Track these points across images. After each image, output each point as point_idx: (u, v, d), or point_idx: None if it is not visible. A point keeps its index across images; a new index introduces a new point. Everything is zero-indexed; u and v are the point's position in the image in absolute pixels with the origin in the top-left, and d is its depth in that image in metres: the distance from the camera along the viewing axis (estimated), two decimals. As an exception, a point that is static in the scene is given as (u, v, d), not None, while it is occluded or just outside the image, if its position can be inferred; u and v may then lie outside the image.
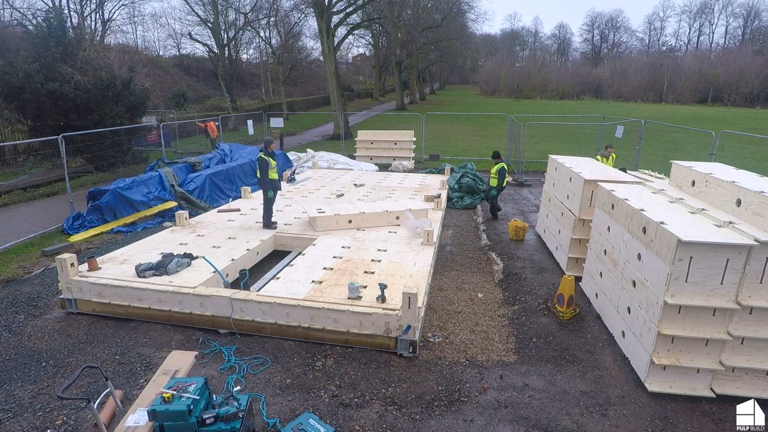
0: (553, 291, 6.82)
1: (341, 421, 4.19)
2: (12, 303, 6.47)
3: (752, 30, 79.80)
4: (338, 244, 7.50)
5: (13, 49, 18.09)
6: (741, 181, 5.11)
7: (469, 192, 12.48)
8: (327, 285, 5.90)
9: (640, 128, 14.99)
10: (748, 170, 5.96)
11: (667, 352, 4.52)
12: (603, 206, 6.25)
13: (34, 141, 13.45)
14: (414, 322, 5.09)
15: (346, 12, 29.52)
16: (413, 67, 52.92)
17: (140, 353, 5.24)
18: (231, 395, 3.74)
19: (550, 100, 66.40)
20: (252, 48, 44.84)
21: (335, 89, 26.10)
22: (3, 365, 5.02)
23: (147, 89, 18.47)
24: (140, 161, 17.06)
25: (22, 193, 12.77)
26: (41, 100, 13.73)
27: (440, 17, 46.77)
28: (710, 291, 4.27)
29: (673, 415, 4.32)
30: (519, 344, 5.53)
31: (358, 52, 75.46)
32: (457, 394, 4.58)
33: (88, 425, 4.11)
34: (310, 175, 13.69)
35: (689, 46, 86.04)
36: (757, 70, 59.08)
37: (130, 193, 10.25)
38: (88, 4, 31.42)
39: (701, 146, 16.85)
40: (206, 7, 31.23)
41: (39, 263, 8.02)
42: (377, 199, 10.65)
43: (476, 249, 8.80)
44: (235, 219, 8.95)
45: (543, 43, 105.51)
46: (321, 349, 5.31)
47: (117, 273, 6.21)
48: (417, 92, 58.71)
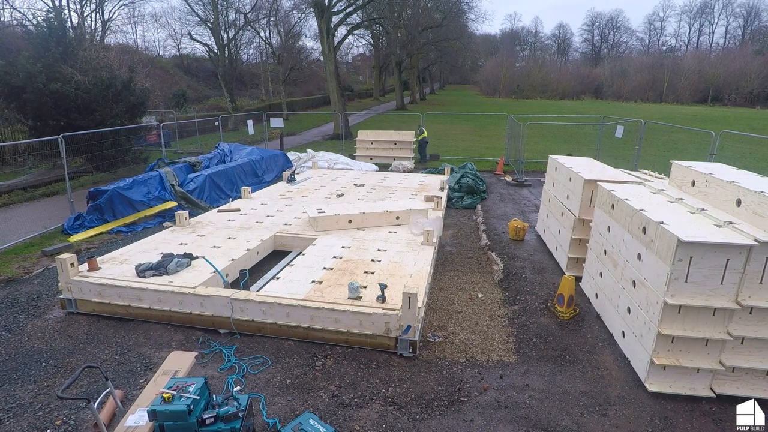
0: (553, 291, 6.82)
1: (341, 421, 4.19)
2: (12, 303, 6.47)
3: (752, 30, 79.85)
4: (338, 244, 7.50)
5: (13, 49, 18.10)
6: (741, 181, 5.11)
7: (469, 192, 12.49)
8: (327, 285, 5.91)
9: (640, 128, 15.00)
10: (748, 170, 5.96)
11: (667, 352, 4.52)
12: (603, 206, 6.25)
13: (35, 141, 13.46)
14: (414, 322, 5.09)
15: (346, 12, 29.54)
16: (413, 67, 52.93)
17: (140, 353, 5.25)
18: (231, 395, 3.74)
19: (550, 100, 66.41)
20: (252, 48, 44.88)
21: (335, 89, 26.11)
22: (3, 365, 5.02)
23: (147, 89, 18.48)
24: (140, 161, 17.06)
25: (22, 193, 12.76)
26: (43, 101, 13.73)
27: (440, 17, 46.80)
28: (710, 291, 4.27)
29: (673, 415, 4.32)
30: (519, 344, 5.53)
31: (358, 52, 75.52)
32: (457, 394, 4.58)
33: (88, 425, 4.11)
34: (310, 175, 13.69)
35: (689, 46, 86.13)
36: (757, 70, 59.09)
37: (130, 193, 10.25)
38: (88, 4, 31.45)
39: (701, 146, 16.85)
40: (206, 7, 31.24)
41: (39, 263, 8.02)
42: (377, 199, 10.65)
43: (476, 249, 8.81)
44: (235, 219, 8.96)
45: (543, 43, 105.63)
46: (321, 349, 5.31)
47: (117, 273, 6.21)
48: (417, 92, 58.70)
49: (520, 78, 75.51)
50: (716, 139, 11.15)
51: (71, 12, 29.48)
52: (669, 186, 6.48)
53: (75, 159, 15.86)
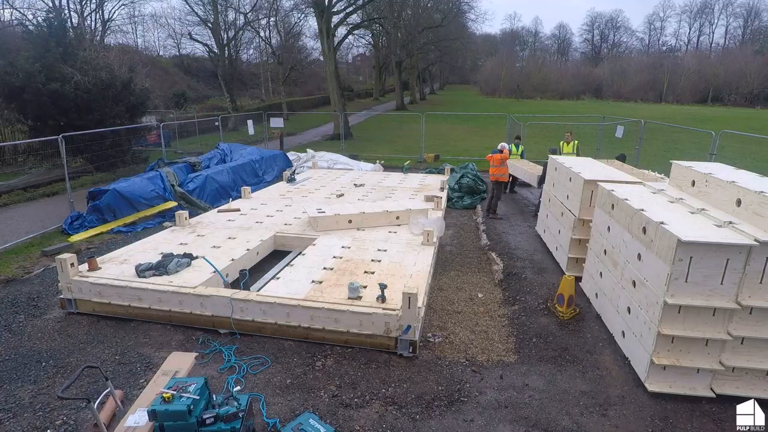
0: (553, 291, 6.82)
1: (341, 421, 4.19)
2: (12, 303, 6.47)
3: (752, 30, 79.79)
4: (338, 244, 7.50)
5: (13, 49, 18.08)
6: (741, 181, 5.11)
7: (469, 192, 12.49)
8: (327, 285, 5.90)
9: (640, 128, 15.01)
10: (748, 170, 5.96)
11: (667, 352, 4.52)
12: (603, 206, 6.24)
13: (34, 141, 13.47)
14: (414, 322, 5.09)
15: (346, 12, 29.54)
16: (413, 67, 52.90)
17: (140, 353, 5.25)
18: (231, 395, 3.74)
19: (550, 100, 66.39)
20: (252, 48, 44.85)
21: (335, 89, 26.10)
22: (3, 365, 5.02)
23: (147, 89, 18.47)
24: (140, 161, 17.06)
25: (22, 193, 12.76)
26: (42, 100, 13.73)
27: (440, 17, 46.79)
28: (710, 291, 4.27)
29: (673, 415, 4.32)
30: (519, 344, 5.53)
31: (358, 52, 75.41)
32: (457, 394, 4.58)
33: (88, 425, 4.11)
34: (310, 175, 13.69)
35: (689, 46, 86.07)
36: (757, 70, 59.03)
37: (130, 193, 10.24)
38: (88, 4, 31.45)
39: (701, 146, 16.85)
40: (206, 7, 31.23)
41: (39, 263, 8.02)
42: (377, 199, 10.65)
43: (476, 249, 8.81)
44: (235, 219, 8.95)
45: (543, 44, 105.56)
46: (321, 349, 5.31)
47: (117, 273, 6.21)
48: (417, 92, 58.69)
49: (520, 78, 75.45)
50: (716, 139, 11.15)
51: (71, 12, 29.47)
52: (669, 186, 6.48)
53: (75, 159, 15.86)
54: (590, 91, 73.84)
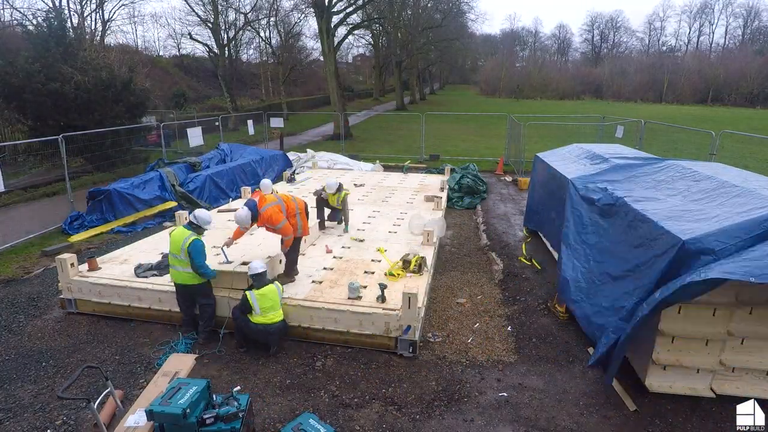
0: (553, 291, 6.81)
1: (341, 421, 4.19)
2: (12, 303, 6.47)
3: (752, 30, 79.72)
4: (338, 244, 7.50)
5: (13, 49, 18.04)
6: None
7: (469, 192, 12.49)
8: (327, 285, 5.90)
9: (641, 128, 15.00)
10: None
11: (668, 352, 4.51)
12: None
13: (34, 141, 13.42)
14: (414, 322, 5.09)
15: (346, 12, 29.53)
16: (413, 67, 52.86)
17: (140, 353, 5.25)
18: (231, 395, 3.74)
19: (550, 100, 66.36)
20: (252, 48, 44.82)
21: (335, 89, 26.08)
22: (3, 365, 5.02)
23: (147, 89, 18.46)
24: (140, 161, 17.03)
25: (22, 193, 12.76)
26: (42, 100, 13.72)
27: (440, 17, 46.76)
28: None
29: (673, 415, 4.32)
30: (519, 344, 5.53)
31: (358, 52, 75.29)
32: (457, 394, 4.58)
33: (88, 425, 4.11)
34: (310, 175, 13.68)
35: (689, 46, 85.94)
36: (757, 70, 58.98)
37: (130, 193, 10.24)
38: (88, 4, 31.36)
39: (701, 146, 16.84)
40: (206, 7, 31.19)
41: (39, 263, 8.02)
42: (377, 199, 10.65)
43: (476, 249, 8.80)
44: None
45: (543, 44, 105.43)
46: (321, 349, 5.31)
47: (117, 273, 6.21)
48: (417, 92, 58.66)
49: (520, 78, 75.38)
50: (716, 139, 11.15)
51: (71, 12, 29.38)
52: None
53: (75, 159, 15.83)
54: (590, 91, 73.78)
